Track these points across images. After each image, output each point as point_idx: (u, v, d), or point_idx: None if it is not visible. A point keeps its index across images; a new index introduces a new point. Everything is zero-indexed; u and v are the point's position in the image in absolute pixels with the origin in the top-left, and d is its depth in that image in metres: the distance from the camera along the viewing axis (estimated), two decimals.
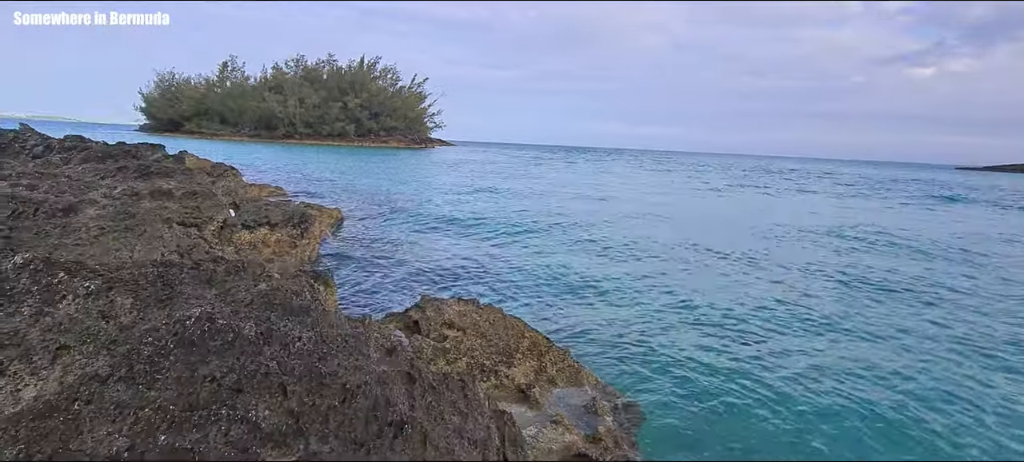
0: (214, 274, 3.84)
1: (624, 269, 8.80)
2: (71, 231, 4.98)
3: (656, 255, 9.95)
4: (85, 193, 7.57)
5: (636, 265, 9.14)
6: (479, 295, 7.05)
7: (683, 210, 17.91)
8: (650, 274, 8.59)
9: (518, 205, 17.04)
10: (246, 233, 7.66)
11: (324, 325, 3.04)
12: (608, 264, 9.16)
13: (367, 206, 14.98)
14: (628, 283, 7.92)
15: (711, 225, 14.52)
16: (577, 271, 8.57)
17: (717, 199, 23.10)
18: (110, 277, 2.94)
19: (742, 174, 45.48)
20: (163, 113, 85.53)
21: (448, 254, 9.44)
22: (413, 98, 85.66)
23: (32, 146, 13.98)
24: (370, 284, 7.30)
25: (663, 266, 9.07)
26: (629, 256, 9.84)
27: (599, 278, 8.12)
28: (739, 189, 28.65)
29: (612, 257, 9.79)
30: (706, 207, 19.55)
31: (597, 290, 7.57)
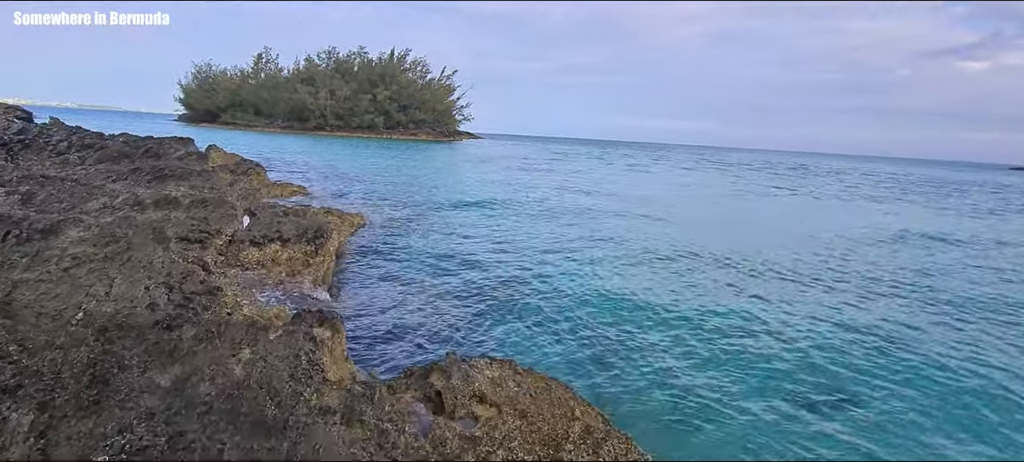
0: (179, 345, 3.01)
1: (702, 299, 7.68)
2: (41, 262, 4.25)
3: (741, 283, 8.60)
4: (83, 203, 6.96)
5: (719, 295, 7.98)
6: (512, 334, 6.11)
7: (756, 222, 16.14)
8: (738, 309, 7.48)
9: (554, 209, 16.01)
10: (255, 250, 6.91)
11: (305, 450, 2.14)
12: (678, 290, 8.06)
13: (391, 209, 14.22)
14: (713, 325, 6.82)
15: (797, 241, 12.75)
16: (635, 299, 7.53)
17: (785, 204, 21.51)
18: (23, 367, 2.11)
19: (788, 173, 43.18)
20: (200, 104, 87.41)
21: (476, 274, 8.53)
22: (442, 90, 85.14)
23: (56, 142, 13.69)
24: (386, 318, 6.45)
25: (757, 303, 7.59)
26: (704, 278, 8.68)
27: (670, 313, 7.04)
28: (797, 192, 26.86)
29: (682, 278, 8.69)
30: (784, 216, 17.90)
31: (668, 330, 6.52)
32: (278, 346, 3.27)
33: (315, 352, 3.66)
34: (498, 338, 6.00)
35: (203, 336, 2.97)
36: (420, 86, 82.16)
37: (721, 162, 59.18)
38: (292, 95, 77.03)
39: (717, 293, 7.94)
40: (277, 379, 3.08)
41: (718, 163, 56.14)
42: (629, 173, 34.30)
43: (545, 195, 19.33)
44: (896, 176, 51.61)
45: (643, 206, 17.35)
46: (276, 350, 3.24)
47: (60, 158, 11.71)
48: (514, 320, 6.57)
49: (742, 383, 5.17)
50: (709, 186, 26.73)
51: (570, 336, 6.09)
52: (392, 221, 12.43)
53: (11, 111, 16.99)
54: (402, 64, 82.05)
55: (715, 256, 10.12)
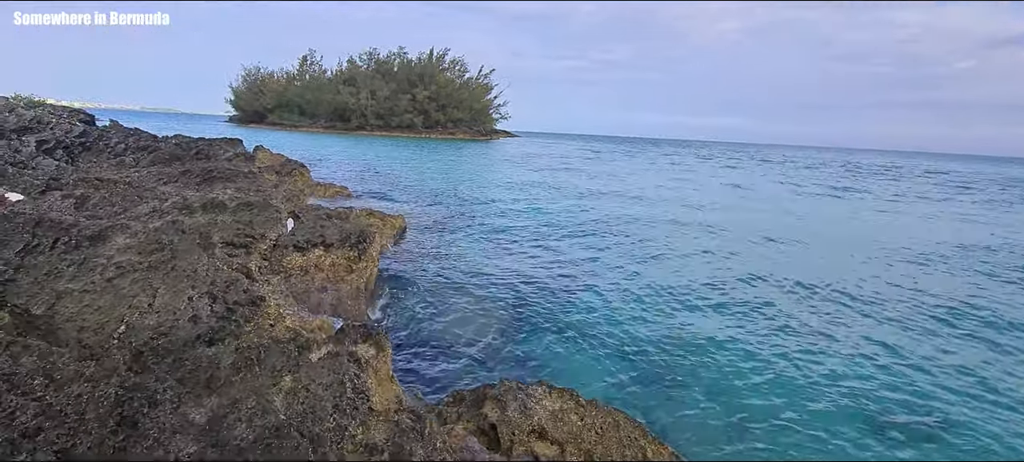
0: (216, 373, 2.77)
1: (777, 321, 7.06)
2: (86, 271, 4.16)
3: (820, 305, 7.80)
4: (134, 206, 7.00)
5: (794, 317, 7.31)
6: (563, 351, 5.71)
7: (832, 233, 13.88)
8: (824, 337, 6.86)
9: (599, 213, 15.49)
10: (298, 255, 6.78)
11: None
12: (749, 310, 7.46)
13: (431, 210, 14.06)
14: (793, 351, 6.23)
15: (881, 256, 10.91)
16: (700, 317, 7.01)
17: (848, 208, 20.21)
18: (46, 405, 1.88)
19: (841, 172, 40.85)
20: (249, 105, 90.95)
21: (521, 280, 8.17)
22: (479, 89, 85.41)
23: (115, 144, 14.21)
24: (432, 330, 6.16)
25: (848, 330, 6.65)
26: (776, 296, 8.01)
27: (744, 337, 6.47)
28: (857, 194, 25.27)
29: (750, 295, 8.09)
30: (853, 224, 16.09)
31: (743, 357, 5.97)
32: (321, 371, 3.00)
33: (360, 376, 3.38)
34: (548, 356, 5.61)
35: (242, 363, 2.73)
36: (458, 85, 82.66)
37: (763, 160, 56.65)
38: (334, 96, 79.00)
39: (794, 314, 7.28)
40: (320, 409, 2.80)
41: (760, 161, 53.72)
42: (672, 172, 33.20)
43: (588, 197, 18.79)
44: (962, 174, 48.02)
45: (697, 213, 16.56)
46: (319, 376, 2.97)
47: (116, 160, 12.11)
48: (564, 335, 6.16)
49: (832, 423, 4.59)
50: (759, 187, 25.43)
51: (628, 356, 5.63)
52: (433, 223, 12.23)
53: (75, 114, 17.82)
54: (441, 64, 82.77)
55: (786, 272, 9.37)
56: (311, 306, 6.22)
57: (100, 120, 20.26)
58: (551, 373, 5.23)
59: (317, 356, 3.91)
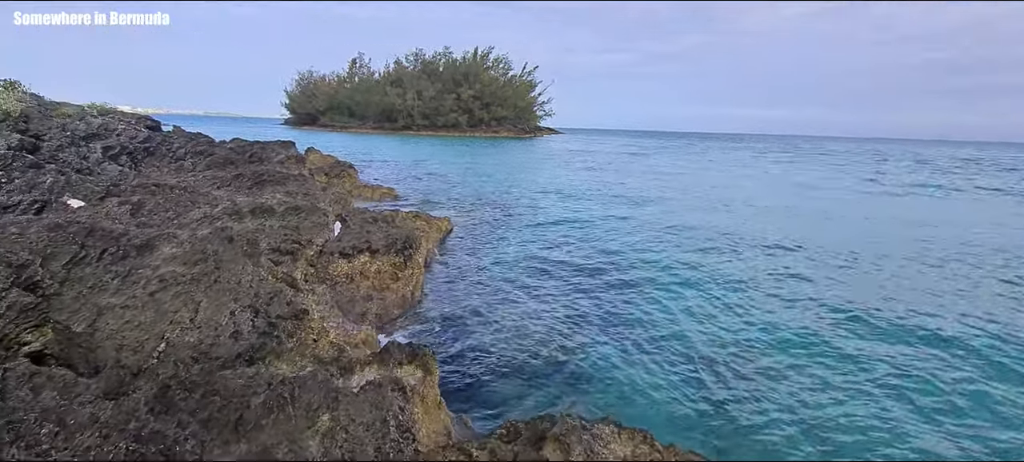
0: (245, 414, 2.47)
1: (877, 345, 6.30)
2: (130, 284, 4.04)
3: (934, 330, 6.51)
4: (187, 211, 7.02)
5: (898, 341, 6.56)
6: (625, 371, 5.20)
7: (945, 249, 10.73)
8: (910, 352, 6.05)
9: (656, 215, 14.75)
10: (344, 262, 6.59)
11: None
12: (838, 331, 6.72)
13: (477, 211, 13.77)
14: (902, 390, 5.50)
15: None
16: (782, 337, 6.33)
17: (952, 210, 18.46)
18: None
19: (917, 166, 37.63)
20: (302, 108, 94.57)
21: (574, 290, 7.69)
22: (523, 87, 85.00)
23: (176, 149, 14.75)
24: (481, 342, 5.79)
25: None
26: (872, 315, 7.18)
27: (836, 361, 5.78)
28: (950, 190, 23.12)
29: (836, 314, 7.31)
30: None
31: (832, 388, 5.31)
32: (362, 407, 2.67)
33: (405, 409, 3.03)
34: (608, 375, 5.12)
35: (274, 403, 2.44)
36: (502, 83, 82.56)
37: (822, 154, 53.10)
38: (382, 97, 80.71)
39: (904, 348, 6.46)
40: (360, 453, 2.45)
41: (819, 155, 50.36)
42: (728, 169, 31.58)
43: (639, 199, 18.02)
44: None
45: (765, 220, 15.50)
46: (360, 413, 2.64)
47: (176, 164, 12.51)
48: (623, 351, 5.64)
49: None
50: (828, 186, 23.66)
51: (700, 381, 5.05)
52: (479, 225, 11.93)
53: (141, 120, 18.73)
54: (485, 62, 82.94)
55: (891, 293, 8.42)
56: (356, 316, 6.01)
57: (165, 125, 21.32)
58: (613, 397, 4.74)
59: (359, 381, 3.61)
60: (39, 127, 9.69)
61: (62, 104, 15.49)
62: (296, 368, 3.88)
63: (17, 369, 2.37)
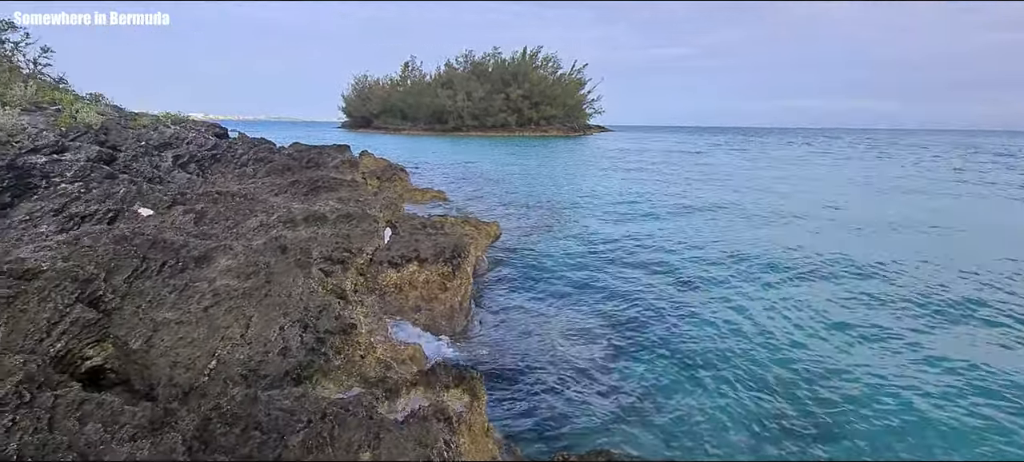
0: (283, 455, 2.35)
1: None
2: (185, 298, 4.10)
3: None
4: (245, 219, 7.21)
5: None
6: (687, 396, 4.80)
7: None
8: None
9: (715, 218, 14.03)
10: (392, 272, 6.55)
11: None
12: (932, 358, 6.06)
13: (526, 215, 13.56)
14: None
15: None
16: (869, 369, 5.75)
17: None
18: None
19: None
20: (357, 111, 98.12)
21: (631, 298, 7.32)
22: (573, 85, 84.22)
23: (239, 155, 15.46)
24: (531, 358, 5.56)
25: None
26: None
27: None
28: None
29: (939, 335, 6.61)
30: None
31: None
32: (405, 444, 2.50)
33: (451, 442, 2.84)
34: (668, 397, 4.76)
35: (313, 442, 2.31)
36: (551, 82, 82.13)
37: (900, 146, 48.98)
38: (433, 99, 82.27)
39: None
40: None
41: (896, 147, 46.47)
42: (791, 167, 29.74)
43: (698, 202, 17.23)
44: None
45: (848, 229, 14.41)
46: (403, 451, 2.47)
47: (239, 171, 13.08)
48: (685, 369, 5.24)
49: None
50: (924, 189, 21.72)
51: (767, 417, 4.59)
52: (529, 230, 11.71)
53: (210, 128, 19.85)
54: (533, 61, 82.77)
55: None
56: (403, 330, 5.93)
57: (231, 132, 22.53)
58: (673, 420, 4.39)
59: (404, 406, 3.47)
60: (117, 138, 10.35)
61: (140, 115, 16.61)
62: (342, 388, 3.79)
63: (68, 396, 2.37)
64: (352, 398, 3.40)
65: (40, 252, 4.57)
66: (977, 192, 18.70)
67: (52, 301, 3.43)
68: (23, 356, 2.60)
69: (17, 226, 6.34)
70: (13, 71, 14.97)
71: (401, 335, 5.53)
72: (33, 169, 7.60)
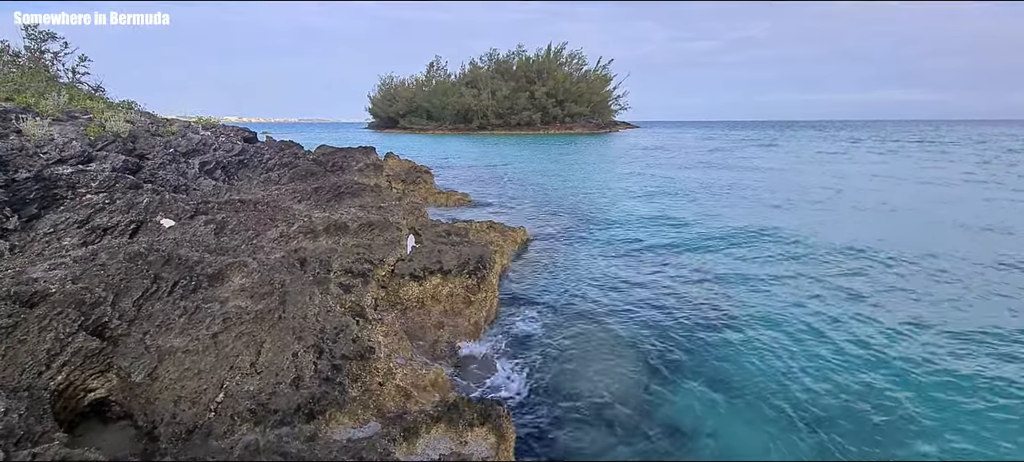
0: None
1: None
2: (195, 323, 3.86)
3: None
4: (265, 230, 7.03)
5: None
6: (731, 412, 4.34)
7: None
8: None
9: (746, 220, 13.35)
10: (415, 285, 6.25)
11: None
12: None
13: (553, 219, 13.15)
14: None
15: None
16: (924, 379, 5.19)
17: None
18: None
19: None
20: (383, 111, 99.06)
21: (664, 311, 6.87)
22: (598, 81, 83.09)
23: (266, 159, 15.52)
24: (561, 380, 5.18)
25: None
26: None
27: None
28: None
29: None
30: None
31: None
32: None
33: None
34: (707, 424, 4.31)
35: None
36: (576, 79, 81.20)
37: (936, 141, 46.32)
38: (458, 98, 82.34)
39: None
40: None
41: (938, 142, 43.95)
42: (829, 164, 28.42)
43: (729, 204, 16.51)
44: None
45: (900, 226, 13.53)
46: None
47: (264, 176, 13.07)
48: (724, 390, 4.78)
49: None
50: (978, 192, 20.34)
51: (818, 429, 4.09)
52: (555, 234, 11.30)
53: (239, 133, 20.08)
54: (558, 59, 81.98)
55: None
56: (427, 345, 5.63)
57: (261, 135, 22.79)
58: (713, 452, 3.95)
59: (423, 448, 3.15)
60: (144, 146, 10.40)
61: (171, 120, 16.85)
62: (358, 423, 3.49)
63: (48, 453, 2.12)
64: (366, 440, 3.10)
65: (54, 270, 4.44)
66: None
67: (53, 330, 3.23)
68: (3, 404, 2.37)
69: (41, 239, 6.30)
70: (50, 81, 15.37)
71: (421, 364, 5.23)
72: (59, 180, 7.61)
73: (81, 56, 18.41)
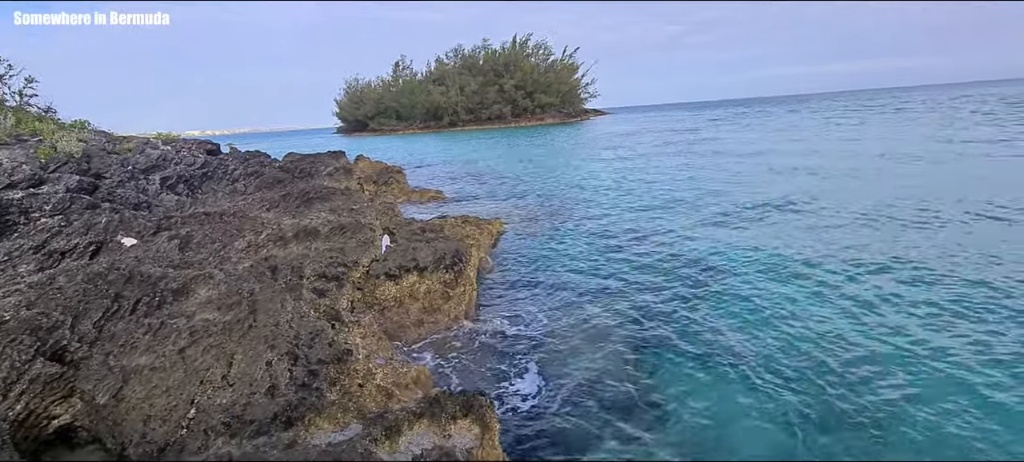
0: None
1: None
2: (161, 339, 3.74)
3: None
4: (233, 240, 6.85)
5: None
6: (713, 391, 4.42)
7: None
8: None
9: (719, 204, 13.61)
10: (391, 284, 6.18)
11: None
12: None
13: (528, 208, 13.16)
14: None
15: None
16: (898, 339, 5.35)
17: None
18: None
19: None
20: (351, 115, 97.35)
21: (643, 292, 6.95)
22: (565, 71, 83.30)
23: (231, 170, 15.11)
24: (543, 374, 5.17)
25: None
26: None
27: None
28: None
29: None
30: None
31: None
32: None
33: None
34: (687, 403, 4.38)
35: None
36: (544, 70, 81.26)
37: (899, 106, 48.01)
38: (426, 97, 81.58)
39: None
40: None
41: (895, 110, 45.53)
42: (790, 136, 29.16)
43: (698, 188, 16.79)
44: None
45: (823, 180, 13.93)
46: None
47: (230, 187, 12.73)
48: (705, 368, 4.87)
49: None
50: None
51: (795, 418, 4.20)
52: (531, 223, 11.32)
53: (201, 146, 19.47)
54: (525, 50, 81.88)
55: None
56: (408, 343, 5.58)
57: (224, 147, 22.15)
58: (694, 429, 4.02)
59: (406, 445, 3.11)
60: (100, 165, 10.00)
61: (127, 138, 16.22)
62: (338, 426, 3.43)
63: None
64: (347, 442, 3.05)
65: (7, 298, 4.23)
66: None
67: (7, 359, 3.08)
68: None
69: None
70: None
71: (402, 363, 5.18)
72: (11, 205, 7.26)
73: (27, 77, 17.58)
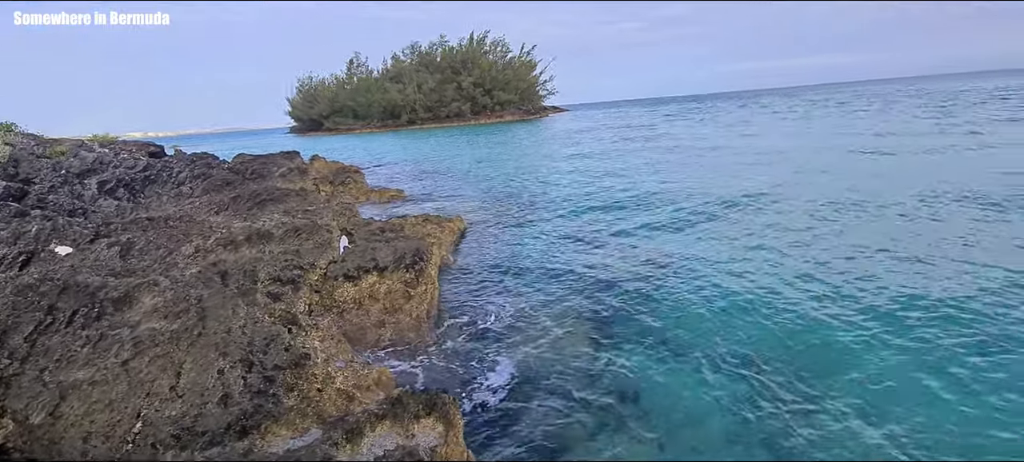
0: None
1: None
2: (101, 352, 3.53)
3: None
4: (179, 246, 6.53)
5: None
6: (677, 378, 4.57)
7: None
8: None
9: (675, 191, 13.99)
10: (350, 286, 6.05)
11: None
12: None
13: (489, 205, 13.16)
14: None
15: None
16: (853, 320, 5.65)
17: None
18: None
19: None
20: (305, 114, 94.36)
21: (606, 284, 7.07)
22: (524, 68, 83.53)
23: (177, 173, 14.38)
24: (508, 368, 5.18)
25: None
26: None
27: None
28: None
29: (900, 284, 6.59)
30: None
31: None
32: None
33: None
34: (656, 397, 4.51)
35: None
36: (502, 67, 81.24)
37: (836, 102, 50.89)
38: (383, 95, 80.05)
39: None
40: None
41: (835, 103, 48.24)
42: (745, 128, 30.37)
43: (651, 178, 17.23)
44: None
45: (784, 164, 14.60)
46: None
47: (176, 191, 12.11)
48: (672, 356, 5.02)
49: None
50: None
51: (759, 398, 4.40)
52: (493, 220, 11.33)
53: (143, 148, 18.43)
54: (482, 47, 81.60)
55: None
56: (369, 345, 5.48)
57: (169, 149, 21.04)
58: (663, 421, 4.14)
59: (369, 447, 3.07)
60: (28, 170, 9.31)
61: (60, 141, 15.16)
62: (297, 433, 3.34)
63: None
64: (306, 447, 2.97)
65: None
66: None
67: None
68: None
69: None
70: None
71: (363, 365, 5.08)
72: None
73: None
